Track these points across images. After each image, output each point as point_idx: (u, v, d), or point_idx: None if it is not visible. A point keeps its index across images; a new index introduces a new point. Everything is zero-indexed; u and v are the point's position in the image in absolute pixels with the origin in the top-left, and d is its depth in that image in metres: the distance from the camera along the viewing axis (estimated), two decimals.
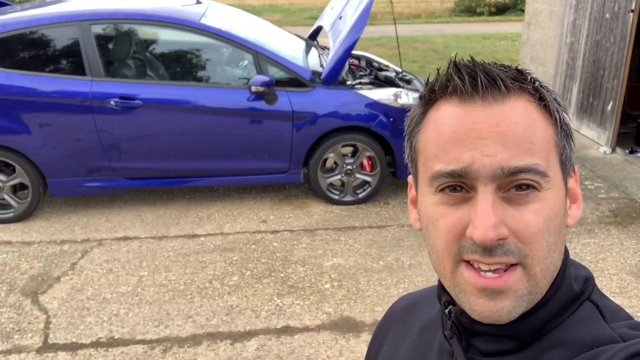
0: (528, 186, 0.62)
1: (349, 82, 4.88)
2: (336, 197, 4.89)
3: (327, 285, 3.77)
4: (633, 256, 4.05)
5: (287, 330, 3.33)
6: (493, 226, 0.59)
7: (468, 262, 0.63)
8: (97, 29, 4.60)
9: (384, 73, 5.26)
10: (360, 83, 4.91)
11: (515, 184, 0.62)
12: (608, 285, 3.71)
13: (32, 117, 4.46)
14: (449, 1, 23.46)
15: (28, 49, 4.55)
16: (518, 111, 0.62)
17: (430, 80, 0.69)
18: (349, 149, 4.83)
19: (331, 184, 4.89)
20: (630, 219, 4.61)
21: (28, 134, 4.45)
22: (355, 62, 5.63)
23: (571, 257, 0.72)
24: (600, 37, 6.24)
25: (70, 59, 4.57)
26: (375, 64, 5.63)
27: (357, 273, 3.90)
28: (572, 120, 6.78)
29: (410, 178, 0.75)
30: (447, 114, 0.64)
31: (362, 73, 5.31)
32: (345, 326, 3.36)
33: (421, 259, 4.00)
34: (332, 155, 4.77)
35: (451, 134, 0.63)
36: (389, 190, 5.18)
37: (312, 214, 4.78)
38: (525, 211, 0.62)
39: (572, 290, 0.68)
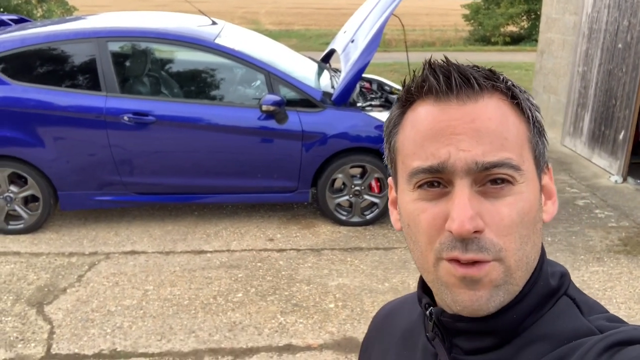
0: (503, 180, 0.64)
1: (359, 104, 4.92)
2: (344, 218, 4.90)
3: (332, 305, 3.76)
4: None
5: (290, 349, 3.31)
6: (470, 218, 0.61)
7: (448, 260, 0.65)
8: (114, 46, 4.69)
9: (394, 96, 5.30)
10: (370, 105, 4.95)
11: (491, 179, 0.63)
12: (616, 313, 3.62)
13: (46, 130, 4.53)
14: (463, 30, 23.67)
15: (45, 64, 4.65)
16: (491, 108, 0.65)
17: (407, 82, 0.71)
18: (357, 170, 4.85)
19: (339, 205, 4.90)
20: None
21: (42, 147, 4.52)
22: (367, 85, 5.69)
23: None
24: (613, 66, 6.25)
25: (86, 75, 4.66)
26: (387, 88, 5.68)
27: (362, 294, 3.88)
28: (583, 148, 6.81)
29: (390, 180, 0.77)
30: (424, 113, 0.67)
31: (373, 96, 5.35)
32: (348, 346, 3.34)
33: None
34: (340, 175, 4.79)
35: (428, 131, 0.65)
36: None
37: (319, 234, 4.78)
38: (500, 204, 0.63)
39: (549, 285, 0.69)
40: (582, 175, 6.33)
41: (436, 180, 0.65)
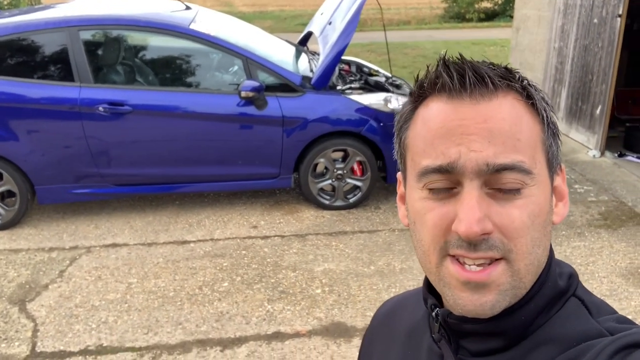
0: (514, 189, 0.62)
1: (339, 87, 4.87)
2: (327, 202, 4.88)
3: (318, 291, 3.75)
4: (623, 259, 4.07)
5: (278, 336, 3.30)
6: (478, 220, 0.60)
7: (453, 256, 0.64)
8: (86, 34, 4.57)
9: (374, 78, 5.27)
10: (350, 88, 4.91)
11: (501, 187, 0.62)
12: (598, 287, 3.72)
13: (20, 123, 4.42)
14: (438, 8, 23.59)
15: (16, 56, 4.52)
16: (505, 108, 0.63)
17: (420, 77, 0.69)
18: (339, 154, 4.82)
19: (322, 189, 4.87)
20: (620, 221, 4.63)
21: (16, 141, 4.41)
22: (346, 67, 5.64)
23: (561, 260, 0.72)
24: (589, 42, 6.28)
25: (58, 65, 4.54)
26: (366, 69, 5.64)
27: (348, 278, 3.88)
28: (561, 124, 6.86)
29: (399, 175, 0.76)
30: (436, 110, 0.65)
31: (352, 78, 5.31)
32: (336, 331, 3.34)
33: (412, 264, 3.99)
34: (322, 160, 4.76)
35: (439, 129, 0.64)
36: (380, 195, 5.17)
37: (302, 219, 4.76)
38: (510, 207, 0.62)
39: (557, 286, 0.68)
40: (560, 150, 6.37)
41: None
